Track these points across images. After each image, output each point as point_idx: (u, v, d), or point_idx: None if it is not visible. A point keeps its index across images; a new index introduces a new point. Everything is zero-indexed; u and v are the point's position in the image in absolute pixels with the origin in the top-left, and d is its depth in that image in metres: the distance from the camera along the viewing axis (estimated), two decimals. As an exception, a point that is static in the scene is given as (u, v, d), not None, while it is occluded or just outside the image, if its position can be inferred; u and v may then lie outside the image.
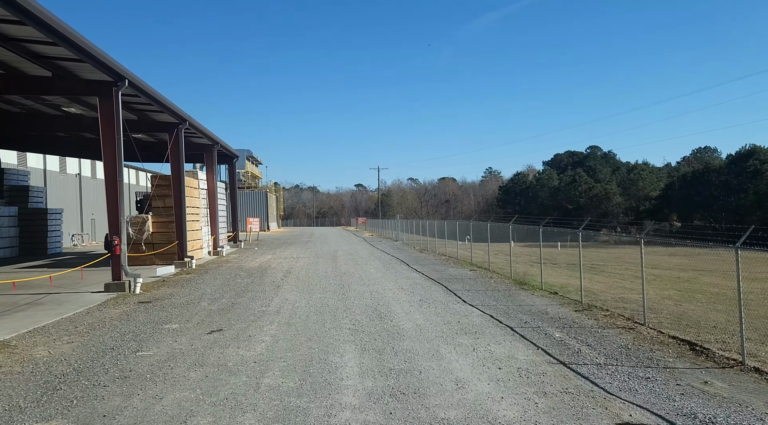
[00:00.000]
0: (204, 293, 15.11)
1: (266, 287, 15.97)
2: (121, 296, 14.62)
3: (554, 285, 15.51)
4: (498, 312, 11.61)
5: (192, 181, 26.68)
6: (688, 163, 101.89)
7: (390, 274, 19.07)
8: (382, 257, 27.07)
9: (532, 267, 22.59)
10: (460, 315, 11.34)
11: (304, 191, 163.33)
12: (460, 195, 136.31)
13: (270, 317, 11.34)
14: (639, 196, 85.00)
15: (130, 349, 8.80)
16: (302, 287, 15.96)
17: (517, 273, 18.01)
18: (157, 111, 21.05)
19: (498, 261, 24.32)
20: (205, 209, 29.14)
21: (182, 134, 22.63)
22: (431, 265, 22.39)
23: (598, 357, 8.12)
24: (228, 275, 19.31)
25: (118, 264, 15.50)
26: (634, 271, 22.52)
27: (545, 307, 12.23)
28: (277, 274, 19.50)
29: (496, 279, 17.29)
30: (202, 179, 28.69)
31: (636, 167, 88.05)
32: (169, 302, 13.45)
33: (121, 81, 15.40)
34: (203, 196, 28.86)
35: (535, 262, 26.80)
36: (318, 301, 13.30)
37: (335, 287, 15.83)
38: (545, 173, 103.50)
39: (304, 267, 21.85)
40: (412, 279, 17.51)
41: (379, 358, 8.07)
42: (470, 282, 16.57)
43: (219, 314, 11.75)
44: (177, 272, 20.42)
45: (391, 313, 11.65)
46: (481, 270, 20.04)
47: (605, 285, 15.99)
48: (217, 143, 29.45)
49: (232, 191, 37.15)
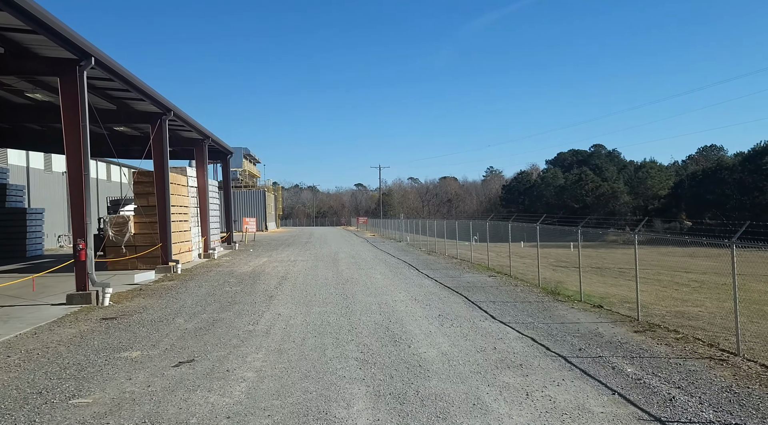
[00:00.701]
0: (183, 305, 12.87)
1: (257, 298, 13.73)
2: (84, 310, 12.38)
3: (592, 295, 13.28)
4: (540, 333, 9.38)
5: (179, 178, 24.44)
6: (696, 161, 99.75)
7: (399, 281, 16.83)
8: (387, 260, 24.83)
9: (555, 272, 20.42)
10: (494, 338, 9.11)
11: (303, 190, 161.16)
12: (462, 194, 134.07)
13: (257, 341, 9.11)
14: (647, 195, 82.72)
15: (64, 393, 6.57)
16: (299, 297, 13.73)
17: (544, 279, 15.78)
18: (136, 99, 18.82)
19: (516, 265, 22.14)
20: (195, 209, 26.92)
21: (166, 125, 20.39)
22: (443, 270, 20.14)
23: (701, 408, 5.89)
24: (215, 282, 17.08)
25: (84, 272, 13.26)
26: (670, 276, 20.32)
27: (595, 326, 9.99)
28: (271, 281, 17.27)
29: (523, 287, 15.04)
30: (191, 176, 26.46)
31: (644, 166, 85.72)
32: (138, 319, 11.21)
33: (86, 59, 13.16)
34: (193, 194, 26.64)
35: (557, 265, 24.61)
36: (317, 317, 11.08)
37: (337, 297, 13.60)
38: (550, 172, 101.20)
39: (301, 272, 19.62)
40: (426, 287, 15.28)
41: (400, 411, 5.84)
42: (493, 291, 14.33)
43: (194, 337, 9.52)
44: (158, 279, 18.18)
45: (407, 334, 9.43)
46: (501, 276, 17.80)
47: (651, 295, 13.75)
48: (207, 137, 27.21)
49: (226, 189, 34.91)
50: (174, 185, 23.40)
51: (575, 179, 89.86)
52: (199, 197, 27.27)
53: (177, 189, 23.88)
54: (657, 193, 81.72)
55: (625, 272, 20.69)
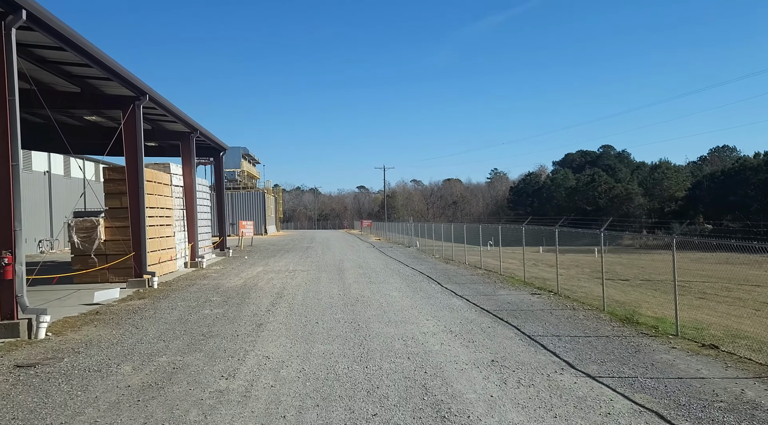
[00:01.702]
0: (142, 339, 9.63)
1: (241, 327, 10.48)
2: (4, 348, 9.14)
3: (685, 326, 9.97)
4: (663, 401, 6.10)
5: (161, 175, 21.23)
6: (712, 162, 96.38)
7: (422, 300, 13.55)
8: (400, 270, 21.54)
9: (596, 284, 17.26)
10: (595, 411, 5.85)
11: (305, 192, 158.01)
12: (468, 197, 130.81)
13: (228, 413, 5.87)
14: (663, 196, 79.31)
15: None
16: (296, 327, 10.48)
17: (595, 297, 12.51)
18: (102, 78, 15.63)
19: (548, 276, 18.91)
20: (181, 211, 23.70)
21: (139, 111, 17.16)
22: (471, 284, 16.85)
23: None
24: (194, 302, 13.83)
25: (11, 296, 10.01)
26: (745, 291, 17.03)
27: (737, 388, 6.70)
28: (262, 300, 14.03)
29: (584, 312, 11.70)
30: (176, 174, 23.25)
31: (660, 166, 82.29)
32: (68, 366, 7.96)
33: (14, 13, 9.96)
34: (178, 194, 23.42)
35: (593, 274, 21.34)
36: (320, 364, 7.81)
37: (346, 327, 10.34)
38: (560, 173, 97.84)
39: (301, 287, 16.37)
40: (458, 311, 11.99)
41: None
42: (549, 318, 11.04)
43: (135, 404, 6.27)
44: (126, 297, 14.93)
45: (456, 401, 6.17)
46: (546, 294, 14.45)
47: (756, 322, 10.43)
48: (195, 129, 23.99)
49: (219, 189, 31.68)
50: (154, 184, 20.20)
51: (587, 180, 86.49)
52: (186, 198, 24.06)
53: (158, 188, 20.68)
54: (674, 194, 78.32)
55: (685, 286, 17.37)
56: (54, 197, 40.78)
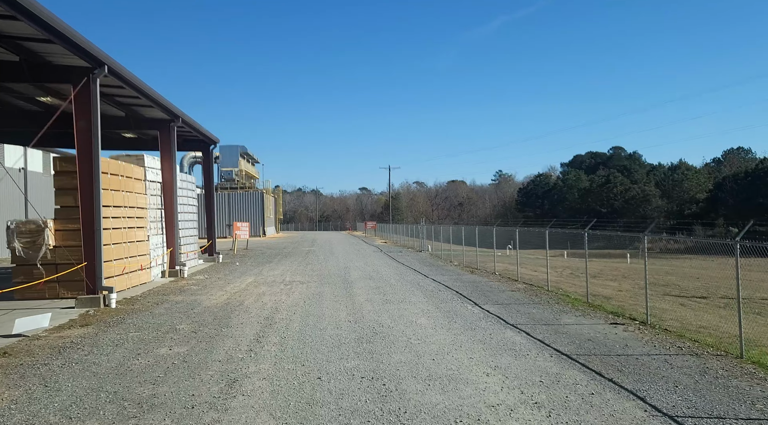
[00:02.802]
0: (31, 418, 5.96)
1: (203, 390, 6.79)
2: None
3: None
4: None
5: (131, 168, 17.59)
6: (731, 163, 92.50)
7: (464, 334, 9.81)
8: (420, 282, 17.84)
9: (670, 304, 13.64)
10: None
11: (306, 194, 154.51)
12: (474, 198, 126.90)
13: None
14: (683, 198, 75.37)
15: None
16: (287, 389, 6.78)
17: (700, 328, 8.80)
18: (42, 40, 11.96)
19: (607, 292, 15.31)
20: (158, 211, 20.04)
21: (95, 86, 13.45)
22: (517, 304, 13.08)
23: None
24: (152, 333, 10.14)
25: None
26: None
27: None
28: (245, 329, 10.34)
29: (720, 362, 7.83)
30: (152, 168, 19.59)
31: (680, 167, 78.33)
32: None
33: None
34: (155, 191, 19.76)
35: (654, 290, 17.65)
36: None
37: (366, 393, 6.60)
38: (572, 174, 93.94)
39: (298, 308, 12.68)
40: (526, 357, 8.23)
41: None
42: (672, 374, 7.25)
43: None
44: (64, 324, 11.21)
45: None
46: (634, 325, 10.49)
47: None
48: (176, 117, 20.29)
49: (208, 187, 27.97)
50: (121, 179, 16.58)
51: (602, 181, 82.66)
52: (165, 196, 20.38)
53: (127, 184, 17.05)
54: (694, 196, 74.39)
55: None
56: (32, 196, 37.19)
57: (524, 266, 25.31)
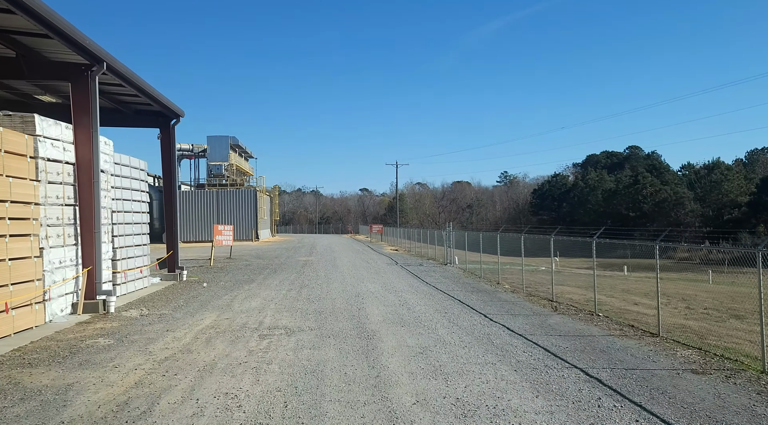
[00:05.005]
0: None
1: None
2: None
3: None
4: None
5: (8, 137, 10.39)
6: (765, 164, 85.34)
7: None
8: (487, 332, 10.56)
9: None
10: None
11: (306, 194, 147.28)
12: (484, 200, 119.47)
13: None
14: (722, 202, 67.83)
15: None
16: None
17: None
18: None
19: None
20: (69, 208, 12.85)
21: None
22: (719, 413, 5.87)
23: None
24: None
25: None
26: None
27: None
28: None
29: None
30: (52, 139, 12.40)
31: (718, 166, 70.73)
32: None
33: None
34: (57, 176, 12.58)
35: None
36: None
37: None
38: (593, 174, 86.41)
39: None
40: None
41: None
42: None
43: None
44: None
45: None
46: None
47: None
48: (99, 61, 13.05)
49: (168, 175, 20.64)
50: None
51: (629, 181, 74.96)
52: (79, 184, 13.16)
53: (-11, 160, 9.87)
54: (735, 200, 66.89)
55: None
56: None
57: (602, 291, 18.34)
